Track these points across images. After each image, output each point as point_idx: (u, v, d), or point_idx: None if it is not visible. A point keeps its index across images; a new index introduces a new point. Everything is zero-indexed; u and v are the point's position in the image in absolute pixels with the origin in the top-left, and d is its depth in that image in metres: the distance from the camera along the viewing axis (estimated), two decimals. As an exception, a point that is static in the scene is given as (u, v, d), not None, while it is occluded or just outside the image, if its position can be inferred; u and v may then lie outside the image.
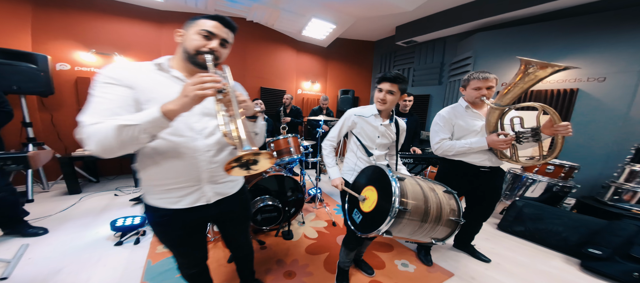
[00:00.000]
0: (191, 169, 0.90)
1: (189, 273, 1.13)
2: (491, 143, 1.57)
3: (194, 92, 0.70)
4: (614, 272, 1.83)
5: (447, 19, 4.05)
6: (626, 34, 2.94)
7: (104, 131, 0.70)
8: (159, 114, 0.71)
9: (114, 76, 0.80)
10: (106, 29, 3.58)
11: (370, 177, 1.30)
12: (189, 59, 0.88)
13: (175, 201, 0.91)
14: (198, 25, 0.86)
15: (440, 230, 1.21)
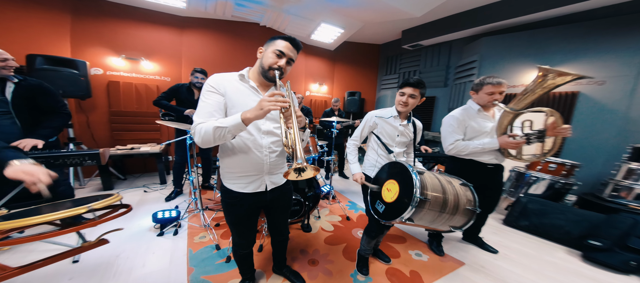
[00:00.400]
0: (257, 163, 1.15)
1: (242, 253, 1.36)
2: (504, 144, 1.70)
3: (267, 107, 0.91)
4: (614, 261, 1.95)
5: (453, 23, 4.15)
6: (622, 40, 3.03)
7: (206, 129, 0.98)
8: (239, 120, 0.95)
9: (214, 85, 1.08)
10: (134, 35, 3.77)
11: (392, 172, 1.45)
12: (262, 73, 1.12)
13: (244, 187, 1.17)
14: (275, 45, 1.08)
15: (457, 219, 1.36)
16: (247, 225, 1.28)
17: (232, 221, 1.26)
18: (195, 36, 4.25)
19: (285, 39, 1.08)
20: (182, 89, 2.82)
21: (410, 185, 1.26)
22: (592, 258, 2.03)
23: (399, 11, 3.84)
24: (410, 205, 1.22)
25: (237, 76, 1.13)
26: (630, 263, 1.88)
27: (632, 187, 2.60)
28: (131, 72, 3.81)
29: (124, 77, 3.78)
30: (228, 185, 1.19)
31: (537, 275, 1.79)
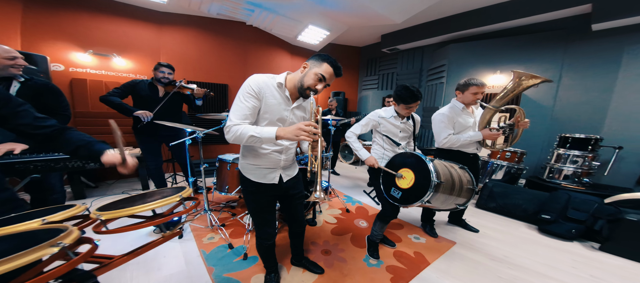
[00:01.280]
0: (274, 161, 1.25)
1: (266, 244, 1.39)
2: (486, 136, 1.96)
3: (302, 137, 1.00)
4: (560, 230, 2.38)
5: (427, 30, 4.53)
6: (549, 51, 3.68)
7: (240, 133, 1.05)
8: (273, 136, 1.04)
9: (256, 89, 1.11)
10: (104, 29, 3.36)
11: (404, 161, 1.59)
12: (299, 89, 1.17)
13: (262, 177, 1.25)
14: (320, 68, 1.12)
15: (461, 198, 1.56)
16: (270, 211, 1.34)
17: (256, 209, 1.31)
18: (176, 32, 3.93)
19: (332, 65, 1.12)
20: (141, 85, 2.43)
21: (427, 171, 1.41)
22: (546, 229, 2.46)
23: (382, 17, 4.04)
24: (430, 189, 1.37)
25: (276, 82, 1.17)
26: (572, 231, 2.33)
27: (561, 169, 3.18)
28: (100, 69, 3.40)
29: (91, 75, 3.35)
30: (247, 175, 1.26)
31: (512, 247, 2.12)
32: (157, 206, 0.87)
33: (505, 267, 1.80)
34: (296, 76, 1.17)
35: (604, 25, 3.11)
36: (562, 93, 3.72)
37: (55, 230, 0.66)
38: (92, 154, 0.97)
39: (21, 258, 0.52)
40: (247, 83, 1.10)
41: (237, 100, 1.10)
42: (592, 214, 2.34)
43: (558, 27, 3.62)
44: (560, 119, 3.74)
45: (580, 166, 3.08)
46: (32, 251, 0.54)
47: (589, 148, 3.06)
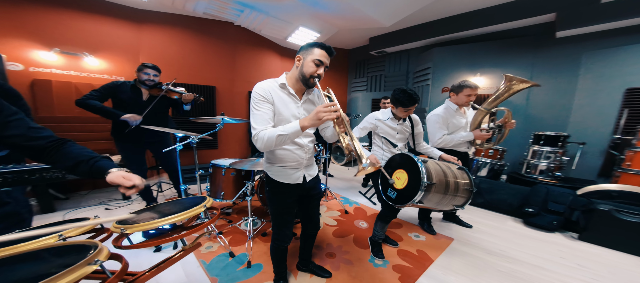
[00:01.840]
0: (298, 159, 1.26)
1: (282, 247, 1.36)
2: (477, 136, 2.02)
3: (325, 117, 0.99)
4: (543, 222, 2.53)
5: (412, 33, 4.66)
6: (522, 55, 3.95)
7: (268, 136, 1.05)
8: (298, 128, 1.03)
9: (263, 94, 1.12)
10: (73, 26, 3.05)
11: (400, 162, 1.58)
12: (303, 81, 1.16)
13: (288, 177, 1.26)
14: (313, 54, 1.12)
15: (458, 198, 1.57)
16: (292, 213, 1.34)
17: (278, 211, 1.31)
18: (157, 31, 3.66)
19: (322, 47, 1.13)
20: (123, 87, 2.18)
21: (418, 173, 1.40)
22: (530, 222, 2.60)
23: (372, 20, 4.09)
24: (420, 190, 1.36)
25: (278, 84, 1.18)
26: (553, 222, 2.48)
27: (537, 164, 3.41)
28: (68, 69, 3.06)
29: (57, 75, 3.01)
30: (274, 176, 1.26)
31: (505, 241, 2.20)
32: (184, 217, 0.83)
33: (503, 260, 1.86)
34: (294, 72, 1.18)
35: (566, 32, 3.39)
36: (533, 94, 4.00)
37: (81, 246, 0.62)
38: (95, 172, 0.85)
39: (63, 278, 0.47)
40: (254, 92, 1.13)
41: (252, 111, 1.13)
42: (569, 206, 2.52)
43: (528, 34, 3.90)
44: (532, 118, 4.02)
45: (552, 161, 3.31)
46: (72, 270, 0.49)
47: (559, 144, 3.31)
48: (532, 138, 3.53)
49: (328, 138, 1.34)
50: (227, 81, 4.40)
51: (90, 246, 0.59)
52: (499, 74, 4.11)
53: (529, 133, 3.67)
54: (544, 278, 1.65)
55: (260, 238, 2.06)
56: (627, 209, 2.17)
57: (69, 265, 0.49)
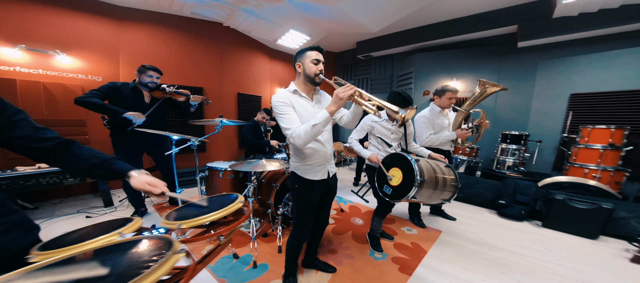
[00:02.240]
0: (324, 154, 1.35)
1: (300, 242, 1.41)
2: (459, 135, 2.21)
3: (345, 95, 1.07)
4: (513, 213, 2.82)
5: (397, 39, 4.88)
6: (491, 61, 4.38)
7: (304, 130, 1.13)
8: (328, 114, 1.11)
9: (283, 100, 1.22)
10: (42, 21, 2.77)
11: (395, 161, 1.69)
12: (310, 81, 1.27)
13: (316, 174, 1.34)
14: (309, 57, 1.24)
15: (446, 193, 1.71)
16: (314, 211, 1.40)
17: (304, 208, 1.36)
18: (139, 30, 3.44)
19: (313, 49, 1.26)
20: (123, 89, 2.13)
21: (411, 171, 1.52)
22: (503, 213, 2.88)
23: (361, 25, 4.22)
24: (414, 186, 1.48)
25: (290, 91, 1.29)
26: (521, 212, 2.79)
27: (505, 160, 3.79)
28: (36, 67, 2.78)
29: (23, 74, 2.71)
30: (303, 175, 1.33)
31: (485, 231, 2.43)
32: (228, 212, 0.89)
33: (486, 249, 2.06)
34: (300, 78, 1.29)
35: (525, 43, 3.82)
36: (500, 97, 4.43)
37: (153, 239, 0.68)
38: (112, 174, 0.82)
39: (162, 267, 0.51)
40: (274, 102, 1.22)
41: (279, 117, 1.21)
42: (533, 196, 2.84)
43: (496, 43, 4.32)
44: (500, 119, 4.45)
45: (517, 157, 3.71)
46: (167, 259, 0.53)
47: (522, 142, 3.71)
48: (501, 137, 3.91)
49: (347, 124, 1.38)
50: (215, 82, 4.25)
51: (167, 240, 0.64)
52: (472, 78, 4.48)
53: (498, 132, 4.06)
54: (521, 262, 1.87)
55: (262, 239, 2.06)
56: (577, 198, 2.51)
57: (154, 255, 0.55)
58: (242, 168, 2.11)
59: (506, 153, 3.78)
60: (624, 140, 2.96)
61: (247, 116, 4.63)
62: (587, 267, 1.83)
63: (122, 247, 0.63)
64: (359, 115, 1.32)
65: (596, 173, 3.01)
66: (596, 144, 3.04)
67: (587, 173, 3.07)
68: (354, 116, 1.31)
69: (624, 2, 2.95)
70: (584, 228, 2.41)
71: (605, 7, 3.09)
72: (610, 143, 2.98)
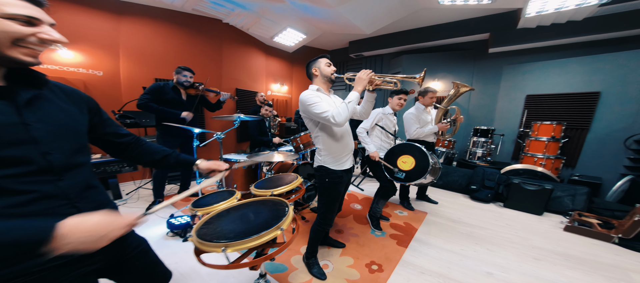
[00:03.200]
0: (349, 144, 1.50)
1: (327, 229, 1.61)
2: (441, 127, 2.55)
3: (367, 75, 1.26)
4: (483, 196, 3.30)
5: (386, 41, 5.13)
6: (466, 64, 4.84)
7: (342, 108, 1.27)
8: (357, 93, 1.28)
9: (315, 94, 1.36)
10: None
11: (405, 149, 2.00)
12: (327, 80, 1.46)
13: (342, 165, 1.48)
14: (322, 62, 1.44)
15: (434, 176, 2.07)
16: (340, 200, 1.59)
17: (333, 199, 1.49)
18: (139, 25, 3.33)
19: (324, 57, 1.45)
20: (166, 88, 2.35)
21: (424, 157, 1.84)
22: (475, 197, 3.36)
23: (355, 27, 4.39)
24: (428, 171, 1.82)
25: (315, 90, 1.43)
26: (488, 195, 3.28)
27: (476, 152, 4.31)
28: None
29: None
30: (333, 167, 1.45)
31: (460, 212, 2.85)
32: (295, 185, 1.24)
33: (462, 226, 2.47)
34: (318, 80, 1.46)
35: (495, 49, 4.27)
36: (472, 97, 4.92)
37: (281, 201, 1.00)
38: (182, 163, 0.95)
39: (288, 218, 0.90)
40: (307, 95, 1.34)
41: (314, 105, 1.30)
42: (497, 182, 3.34)
43: (470, 48, 4.76)
44: (471, 116, 4.96)
45: (485, 149, 4.23)
46: (289, 214, 0.92)
47: (489, 136, 4.24)
48: (473, 131, 4.41)
49: (361, 114, 1.53)
50: (214, 78, 4.23)
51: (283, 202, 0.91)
52: (450, 79, 4.91)
53: (471, 128, 4.57)
54: (489, 235, 2.30)
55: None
56: (529, 181, 3.03)
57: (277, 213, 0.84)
58: (257, 159, 2.29)
59: (477, 145, 4.30)
60: (561, 133, 3.56)
61: (244, 111, 4.67)
62: (534, 236, 2.31)
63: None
64: (372, 103, 1.47)
65: (542, 160, 3.60)
66: (543, 137, 3.61)
67: (536, 161, 3.65)
68: (368, 104, 1.46)
69: (570, 19, 3.45)
70: (532, 206, 2.93)
71: (556, 22, 3.58)
72: (552, 136, 3.56)
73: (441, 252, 1.96)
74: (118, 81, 3.22)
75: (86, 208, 0.63)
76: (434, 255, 1.90)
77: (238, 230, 0.80)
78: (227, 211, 0.90)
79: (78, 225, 0.46)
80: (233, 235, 0.77)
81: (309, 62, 1.47)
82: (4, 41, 0.51)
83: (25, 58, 0.54)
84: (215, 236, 0.78)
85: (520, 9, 3.42)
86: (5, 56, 0.52)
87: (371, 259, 1.80)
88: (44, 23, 0.56)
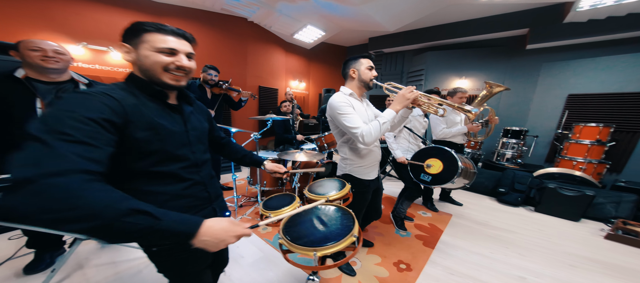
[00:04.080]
0: (376, 155, 1.50)
1: None
2: (470, 128, 2.52)
3: (411, 96, 1.21)
4: (511, 199, 3.22)
5: (409, 37, 5.05)
6: (498, 61, 4.64)
7: (374, 127, 1.22)
8: (395, 113, 1.24)
9: (346, 101, 1.29)
10: (96, 19, 2.94)
11: (432, 152, 1.99)
12: (364, 85, 1.39)
13: (369, 174, 1.48)
14: (364, 64, 1.36)
15: (467, 180, 2.06)
16: (366, 207, 1.62)
17: (360, 207, 1.52)
18: (176, 25, 3.55)
19: (365, 57, 1.37)
20: (192, 87, 2.46)
21: (453, 160, 1.85)
22: (502, 200, 3.28)
23: (378, 24, 4.38)
24: (457, 173, 1.81)
25: (347, 94, 1.36)
26: (518, 199, 3.19)
27: (505, 153, 4.16)
28: (94, 63, 2.97)
29: (85, 70, 2.92)
30: (361, 177, 1.45)
31: (486, 215, 2.83)
32: (346, 191, 1.24)
33: (489, 229, 2.46)
34: (354, 82, 1.38)
35: (534, 45, 4.06)
36: (503, 96, 4.72)
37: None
38: (255, 162, 1.15)
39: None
40: (336, 103, 1.29)
41: (345, 116, 1.26)
42: (528, 185, 3.24)
43: (504, 44, 4.54)
44: (500, 115, 4.75)
45: (516, 150, 4.08)
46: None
47: (521, 137, 4.07)
48: (502, 132, 4.25)
49: (393, 126, 1.48)
50: (239, 76, 4.44)
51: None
52: (480, 77, 4.75)
53: (499, 128, 4.40)
54: (519, 239, 2.27)
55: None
56: (566, 186, 2.90)
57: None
58: (287, 157, 2.43)
59: (506, 147, 4.14)
60: (608, 137, 3.33)
61: (266, 108, 4.87)
62: (569, 242, 2.25)
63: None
64: (405, 118, 1.42)
65: (582, 165, 3.41)
66: (585, 140, 3.41)
67: (575, 165, 3.47)
68: (402, 119, 1.41)
69: (631, 11, 3.17)
70: (568, 212, 2.82)
71: (613, 15, 3.31)
72: (598, 139, 3.35)
73: (469, 254, 1.99)
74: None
75: (212, 193, 0.86)
76: (462, 257, 1.94)
77: (319, 235, 0.89)
78: (299, 215, 0.98)
79: (210, 228, 0.57)
80: (318, 239, 0.86)
81: (347, 60, 1.38)
82: (158, 68, 0.69)
83: (170, 81, 0.71)
84: (304, 241, 0.86)
85: (569, 2, 3.22)
86: (159, 81, 0.70)
87: (398, 258, 1.88)
88: (181, 53, 0.72)
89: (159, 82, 0.70)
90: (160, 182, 0.70)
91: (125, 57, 0.69)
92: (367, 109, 1.44)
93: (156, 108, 0.70)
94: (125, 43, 0.68)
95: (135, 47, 0.68)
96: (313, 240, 0.87)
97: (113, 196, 0.48)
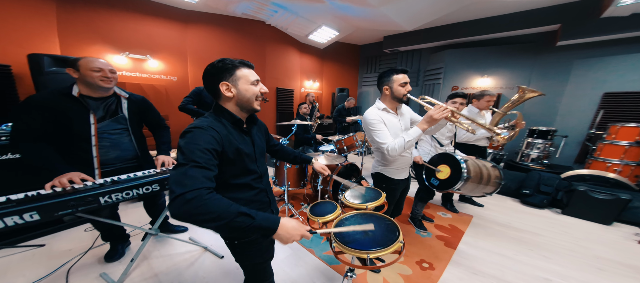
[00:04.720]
0: (407, 159, 1.66)
1: None
2: None
3: (440, 116, 1.25)
4: (536, 201, 3.17)
5: (426, 35, 5.01)
6: (524, 59, 4.49)
7: (399, 144, 1.36)
8: (420, 132, 1.33)
9: (377, 118, 1.44)
10: (135, 29, 3.22)
11: (443, 159, 2.05)
12: (398, 100, 1.47)
13: (400, 174, 1.65)
14: (397, 81, 1.42)
15: (489, 188, 2.09)
16: (395, 203, 1.77)
17: (390, 203, 1.66)
18: (200, 31, 3.85)
19: (399, 72, 1.43)
20: (205, 92, 2.61)
21: (459, 168, 1.89)
22: (526, 201, 3.24)
23: (395, 24, 4.41)
24: (460, 180, 1.86)
25: (380, 109, 1.48)
26: (543, 201, 3.14)
27: (529, 153, 4.05)
28: (135, 71, 3.28)
29: (128, 78, 3.23)
30: (390, 175, 1.62)
31: (509, 217, 2.82)
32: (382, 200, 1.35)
33: (511, 230, 2.47)
34: (387, 97, 1.48)
35: (566, 42, 3.90)
36: (529, 94, 4.56)
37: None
38: (304, 161, 1.35)
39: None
40: (369, 119, 1.44)
41: (376, 132, 1.42)
42: (555, 187, 3.17)
43: (532, 41, 4.40)
44: (527, 114, 4.61)
45: (542, 151, 3.96)
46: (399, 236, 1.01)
47: (549, 137, 3.94)
48: (528, 132, 4.14)
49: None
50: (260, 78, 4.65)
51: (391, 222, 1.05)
52: (503, 75, 4.63)
53: (524, 127, 4.28)
54: (544, 242, 2.28)
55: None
56: (597, 189, 2.82)
57: None
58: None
59: (531, 147, 4.04)
60: (649, 138, 3.17)
61: (283, 109, 5.05)
62: (599, 246, 2.22)
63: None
64: (434, 131, 1.55)
65: (618, 167, 3.27)
66: (622, 141, 3.27)
67: (608, 167, 3.34)
68: (434, 129, 1.55)
69: None
70: (599, 215, 2.75)
71: None
72: (637, 140, 3.20)
73: (492, 255, 2.04)
74: (187, 84, 3.81)
75: (271, 197, 1.06)
76: (484, 258, 1.99)
77: (369, 239, 0.99)
78: (346, 219, 1.10)
79: (284, 225, 0.74)
80: (369, 244, 0.96)
81: (381, 74, 1.47)
82: (253, 98, 0.90)
83: (258, 107, 0.94)
84: (358, 245, 0.95)
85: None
86: (252, 108, 0.92)
87: (420, 257, 1.97)
88: (259, 81, 0.94)
89: (252, 109, 0.91)
90: (238, 191, 0.91)
91: (227, 94, 0.86)
92: (401, 120, 1.54)
93: (237, 135, 0.89)
94: (225, 81, 0.86)
95: (234, 84, 0.86)
96: (366, 244, 0.98)
97: (225, 203, 0.68)
